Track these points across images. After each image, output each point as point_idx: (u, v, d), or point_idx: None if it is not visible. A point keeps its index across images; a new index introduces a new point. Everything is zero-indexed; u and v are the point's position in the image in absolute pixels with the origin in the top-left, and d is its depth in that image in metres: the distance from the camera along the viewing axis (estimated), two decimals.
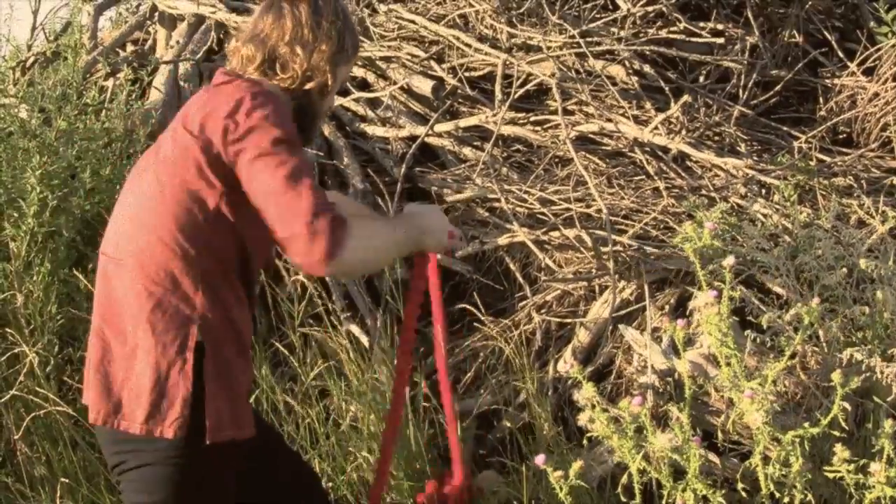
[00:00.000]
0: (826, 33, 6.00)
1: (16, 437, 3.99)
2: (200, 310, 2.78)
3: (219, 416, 2.77)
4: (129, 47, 7.01)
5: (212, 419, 2.76)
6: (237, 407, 2.83)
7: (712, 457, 3.55)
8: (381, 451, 3.46)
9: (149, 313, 2.76)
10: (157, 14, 6.91)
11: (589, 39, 5.48)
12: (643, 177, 5.01)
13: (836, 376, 2.65)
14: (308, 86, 2.95)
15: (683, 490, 2.77)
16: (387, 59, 5.94)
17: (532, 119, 5.43)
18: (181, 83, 6.05)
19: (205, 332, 2.77)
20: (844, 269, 3.68)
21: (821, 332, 3.61)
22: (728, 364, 2.79)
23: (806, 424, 2.73)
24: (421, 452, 3.97)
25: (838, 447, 2.55)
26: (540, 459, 2.67)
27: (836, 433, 2.74)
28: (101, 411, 2.79)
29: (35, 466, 4.06)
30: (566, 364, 4.15)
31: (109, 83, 5.99)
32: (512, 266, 4.76)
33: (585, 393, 2.71)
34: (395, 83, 5.77)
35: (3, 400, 4.00)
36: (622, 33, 5.60)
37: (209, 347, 2.78)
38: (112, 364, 2.81)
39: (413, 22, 6.04)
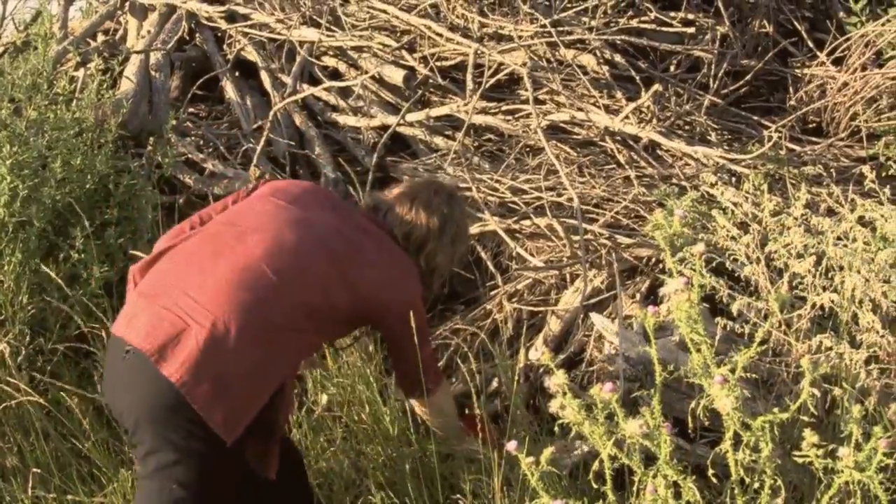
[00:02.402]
0: (796, 23, 6.04)
1: None
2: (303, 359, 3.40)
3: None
4: (100, 37, 6.97)
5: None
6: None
7: (683, 443, 3.58)
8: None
9: (286, 337, 3.10)
10: (127, 4, 6.88)
11: (560, 29, 5.50)
12: (614, 166, 5.04)
13: (805, 362, 2.67)
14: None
15: (654, 476, 2.78)
16: (358, 49, 5.95)
17: (503, 108, 5.44)
18: (152, 73, 6.03)
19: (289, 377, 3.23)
20: (814, 257, 3.71)
21: (794, 318, 3.64)
22: (698, 351, 2.80)
23: (775, 410, 2.74)
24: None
25: (807, 432, 2.57)
26: (511, 445, 2.69)
27: (806, 419, 2.76)
28: (198, 391, 2.92)
29: (6, 457, 4.05)
30: (537, 352, 4.16)
31: (80, 73, 5.97)
32: (483, 255, 4.77)
33: (556, 380, 2.72)
34: (366, 73, 5.77)
35: None
36: (593, 23, 5.62)
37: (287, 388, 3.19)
38: (222, 354, 2.96)
39: (384, 11, 6.04)
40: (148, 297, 3.11)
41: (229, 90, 6.11)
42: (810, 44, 5.96)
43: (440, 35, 5.71)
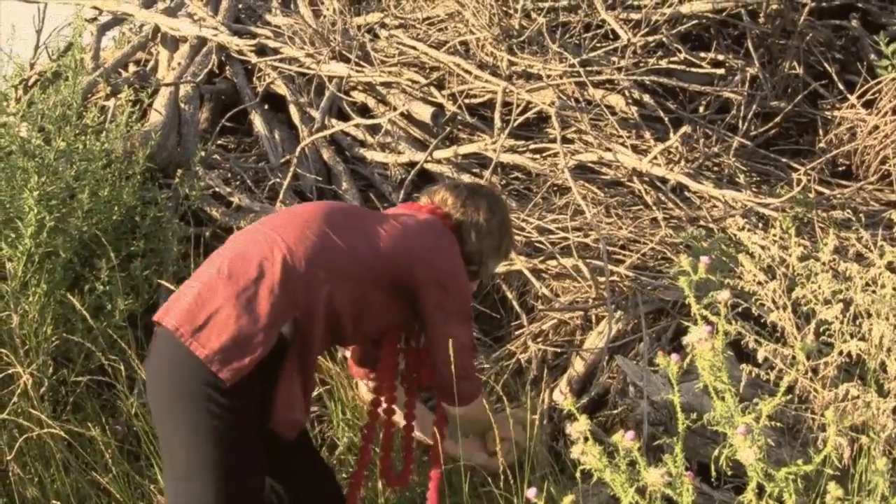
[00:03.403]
0: (826, 65, 6.02)
1: (8, 458, 3.97)
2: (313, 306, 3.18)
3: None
4: (132, 68, 7.02)
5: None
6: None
7: (707, 488, 3.54)
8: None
9: (293, 283, 3.14)
10: (159, 35, 6.93)
11: (589, 68, 5.51)
12: (641, 207, 5.02)
13: (830, 414, 2.64)
14: (469, 268, 3.56)
15: None
16: (387, 85, 5.95)
17: (531, 147, 5.44)
18: (181, 105, 6.05)
19: (301, 325, 3.16)
20: (841, 304, 3.67)
21: (821, 366, 3.60)
22: (722, 399, 2.78)
23: (800, 461, 2.71)
24: None
25: (832, 485, 2.54)
26: (531, 493, 2.66)
27: (830, 471, 2.73)
28: (182, 326, 3.08)
29: (27, 488, 4.04)
30: (561, 394, 4.14)
31: (110, 103, 5.99)
32: (509, 294, 4.75)
33: (578, 426, 2.70)
34: (394, 109, 5.78)
35: None
36: (622, 63, 5.62)
37: (299, 338, 3.17)
38: (213, 297, 3.10)
39: (414, 48, 6.07)
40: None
41: (258, 123, 6.13)
42: (841, 86, 5.94)
43: (469, 72, 5.73)
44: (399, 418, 3.77)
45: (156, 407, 3.20)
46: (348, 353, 3.92)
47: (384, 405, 3.68)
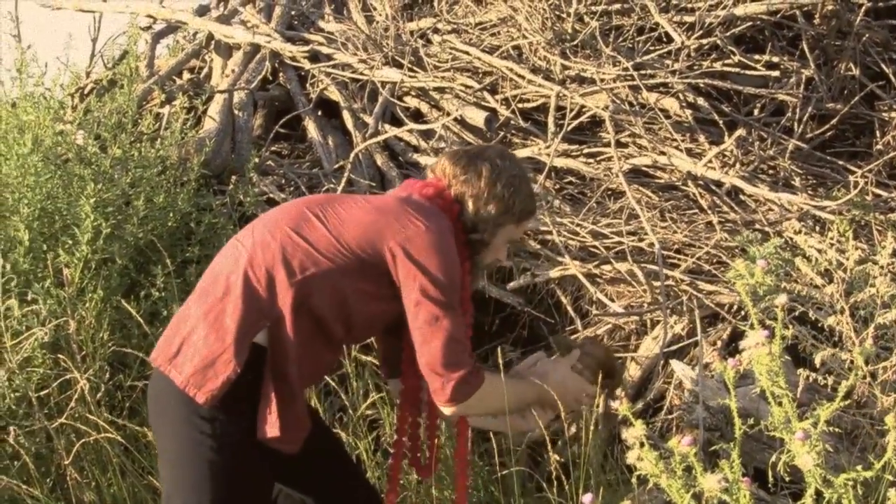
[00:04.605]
0: (883, 66, 5.94)
1: (66, 462, 4.01)
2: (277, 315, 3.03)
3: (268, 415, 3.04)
4: (186, 75, 7.06)
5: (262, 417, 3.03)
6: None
7: (764, 494, 3.51)
8: None
9: (242, 293, 3.03)
10: (213, 42, 6.97)
11: (643, 72, 5.48)
12: (696, 210, 4.99)
13: (890, 420, 2.61)
14: (473, 236, 3.29)
15: None
16: (440, 90, 5.95)
17: (585, 151, 5.42)
18: (235, 112, 6.09)
19: (273, 334, 3.03)
20: None
21: (880, 370, 3.56)
22: (779, 404, 2.75)
23: (859, 467, 2.68)
24: None
25: (892, 492, 2.51)
26: (587, 499, 2.64)
27: (890, 477, 2.70)
28: (160, 355, 3.09)
29: (84, 492, 4.08)
30: (617, 399, 4.11)
31: (165, 111, 6.03)
32: (563, 299, 4.74)
33: (634, 431, 2.69)
34: (448, 114, 5.78)
35: (54, 426, 4.03)
36: (676, 66, 5.58)
37: (272, 349, 3.04)
38: (186, 321, 3.09)
39: (467, 53, 6.06)
40: None
41: (311, 129, 6.15)
42: None
43: (522, 77, 5.72)
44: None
45: (154, 434, 3.26)
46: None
47: (411, 397, 3.47)
